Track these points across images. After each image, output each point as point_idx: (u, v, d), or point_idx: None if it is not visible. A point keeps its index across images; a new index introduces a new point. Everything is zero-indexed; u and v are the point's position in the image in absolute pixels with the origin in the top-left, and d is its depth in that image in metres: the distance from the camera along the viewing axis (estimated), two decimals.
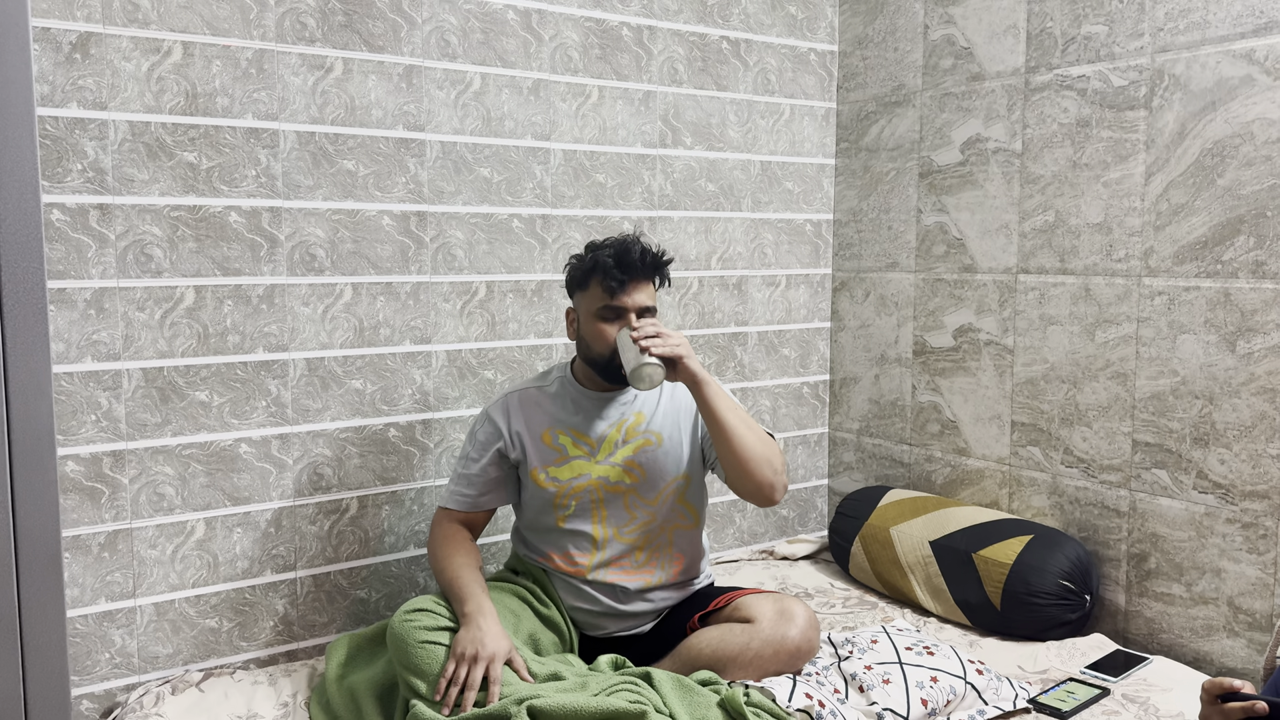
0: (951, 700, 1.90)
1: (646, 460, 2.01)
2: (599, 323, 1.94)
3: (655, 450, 2.02)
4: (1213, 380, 2.16)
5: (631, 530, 2.01)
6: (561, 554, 2.02)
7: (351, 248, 2.25)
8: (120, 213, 1.99)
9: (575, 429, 2.01)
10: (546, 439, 2.01)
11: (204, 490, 2.12)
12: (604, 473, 1.99)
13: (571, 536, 2.01)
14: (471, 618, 1.80)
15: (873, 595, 2.63)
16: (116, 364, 2.01)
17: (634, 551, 2.01)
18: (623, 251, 1.92)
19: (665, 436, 2.03)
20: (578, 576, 2.01)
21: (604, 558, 2.00)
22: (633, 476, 2.00)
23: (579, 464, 2.00)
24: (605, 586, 2.00)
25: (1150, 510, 2.29)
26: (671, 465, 2.03)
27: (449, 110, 2.34)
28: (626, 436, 2.01)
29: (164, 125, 2.02)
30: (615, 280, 1.91)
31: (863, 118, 2.92)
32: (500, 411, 2.05)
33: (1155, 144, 2.24)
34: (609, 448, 2.00)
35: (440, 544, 2.00)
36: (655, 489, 2.02)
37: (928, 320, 2.78)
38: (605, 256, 1.93)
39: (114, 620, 2.05)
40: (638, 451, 2.01)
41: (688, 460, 2.05)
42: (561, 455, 2.00)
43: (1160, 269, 2.24)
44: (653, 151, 2.65)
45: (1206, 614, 2.20)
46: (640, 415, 2.03)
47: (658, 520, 2.02)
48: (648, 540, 2.02)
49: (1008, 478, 2.60)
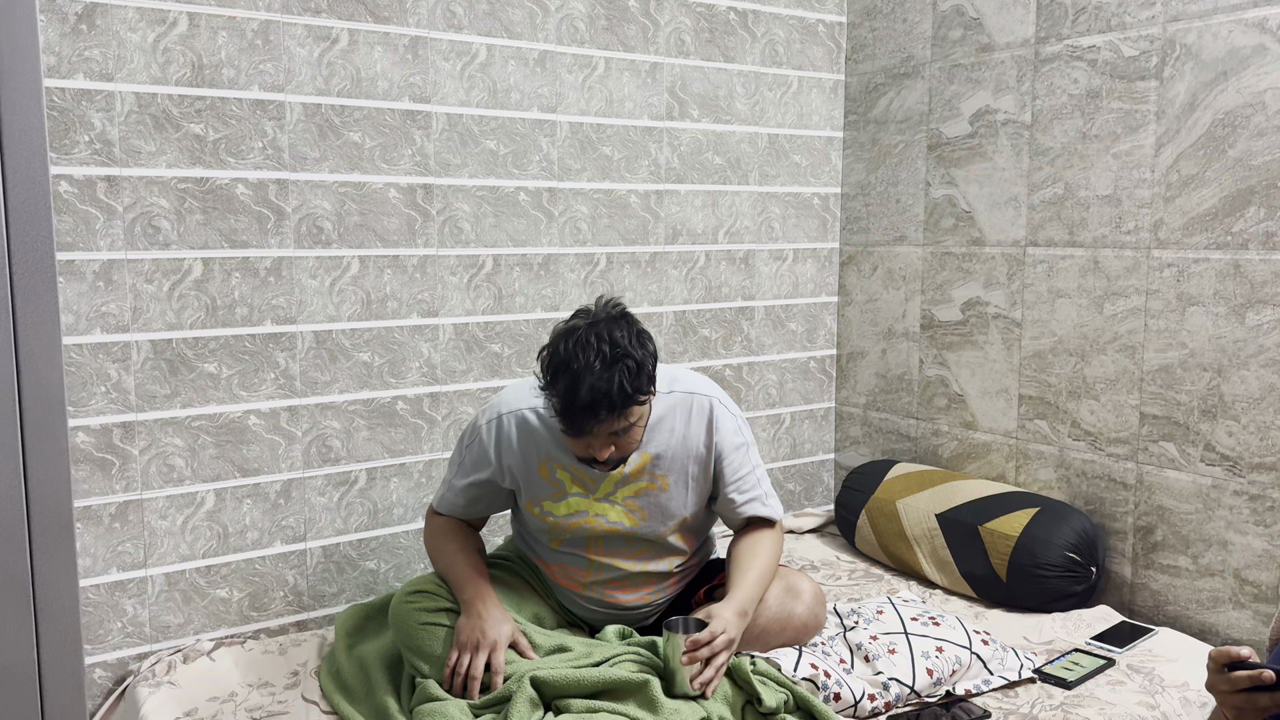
0: (957, 670, 1.91)
1: (649, 504, 1.87)
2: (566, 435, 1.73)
3: (659, 495, 1.87)
4: (1221, 352, 2.15)
5: (628, 559, 1.91)
6: (557, 567, 1.94)
7: (358, 220, 2.24)
8: (128, 184, 1.99)
9: (574, 465, 1.84)
10: (544, 473, 1.86)
11: (213, 462, 2.14)
12: (602, 510, 1.86)
13: (567, 557, 1.92)
14: (471, 604, 1.78)
15: (878, 568, 2.64)
16: (125, 336, 2.02)
17: (630, 576, 1.92)
18: (572, 409, 1.64)
19: (671, 481, 1.87)
20: (573, 590, 1.95)
21: (600, 578, 1.92)
22: (632, 519, 1.87)
23: (576, 501, 1.86)
24: (603, 602, 1.95)
25: (1157, 483, 2.29)
26: (676, 508, 1.89)
27: (455, 82, 2.33)
28: (629, 477, 1.85)
29: (170, 97, 2.02)
30: (572, 427, 1.67)
31: (871, 90, 2.90)
32: (492, 438, 1.87)
33: (1166, 115, 2.22)
34: (609, 486, 1.85)
35: (433, 536, 1.96)
36: (656, 532, 1.89)
37: (935, 294, 2.77)
38: (556, 404, 1.67)
39: (125, 590, 2.07)
40: (639, 494, 1.87)
41: (693, 504, 1.91)
42: (559, 491, 1.86)
43: (1170, 241, 2.23)
44: (660, 124, 2.64)
45: (1213, 586, 2.20)
46: (646, 457, 1.85)
47: (654, 551, 1.93)
48: (644, 569, 1.93)
49: (1014, 451, 2.60)
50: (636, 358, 1.67)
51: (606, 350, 1.64)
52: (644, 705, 1.62)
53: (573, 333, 1.68)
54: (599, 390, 1.62)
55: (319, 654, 2.08)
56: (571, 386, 1.63)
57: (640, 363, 1.68)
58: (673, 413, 1.86)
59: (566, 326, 1.71)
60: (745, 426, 1.96)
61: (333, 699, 1.86)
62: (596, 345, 1.65)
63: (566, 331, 1.69)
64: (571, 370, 1.63)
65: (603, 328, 1.68)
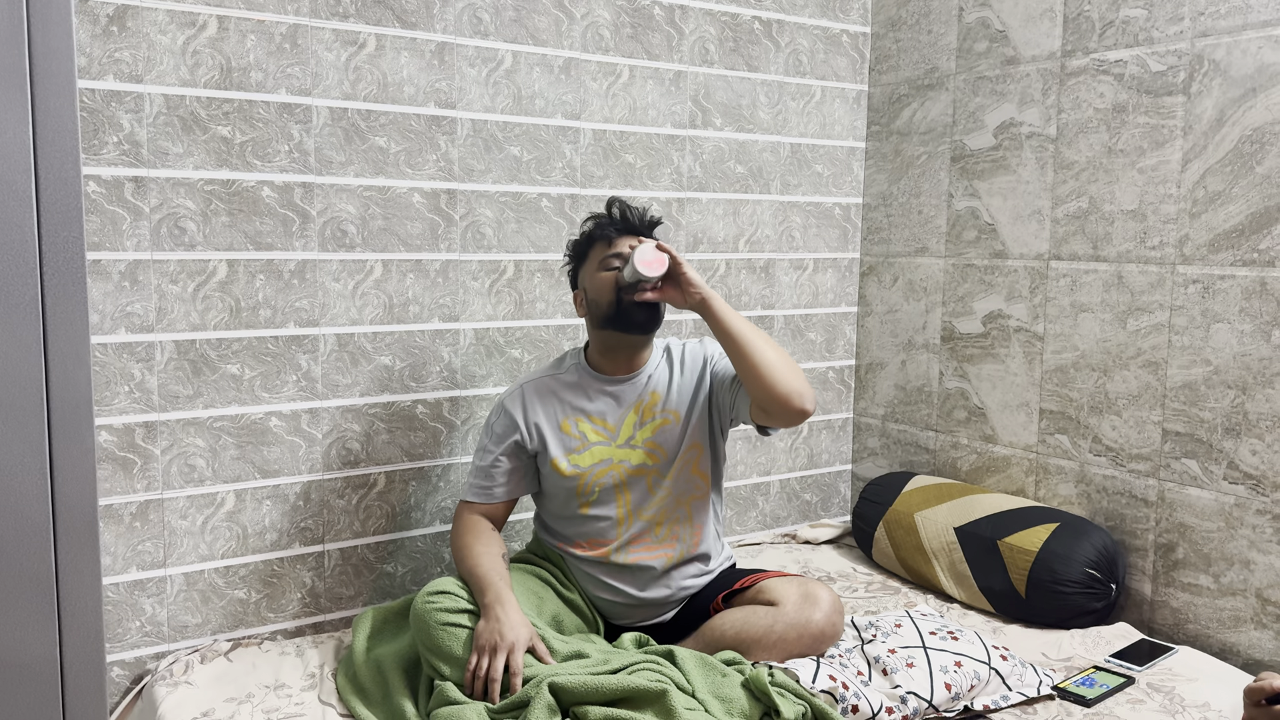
0: (975, 685, 1.89)
1: (666, 440, 2.03)
2: (604, 273, 1.98)
3: (674, 428, 2.04)
4: (1246, 370, 2.14)
5: (651, 508, 2.02)
6: (585, 540, 2.03)
7: (382, 224, 2.25)
8: (155, 185, 2.01)
9: (594, 415, 2.03)
10: (566, 428, 2.03)
11: (234, 462, 2.14)
12: (625, 456, 2.01)
13: (594, 522, 2.02)
14: (490, 608, 1.81)
15: (895, 580, 2.63)
16: (149, 336, 2.03)
17: (654, 527, 2.02)
18: (616, 208, 2.02)
19: (681, 413, 2.05)
20: (601, 559, 2.01)
21: (626, 537, 2.01)
22: (654, 458, 2.02)
23: (600, 450, 2.01)
24: (628, 571, 2.01)
25: (1179, 500, 2.27)
26: (689, 438, 2.04)
27: (480, 88, 2.34)
28: (644, 418, 2.03)
29: (198, 99, 2.03)
30: (612, 230, 1.99)
31: (894, 100, 2.90)
32: (516, 403, 2.05)
33: (1193, 130, 2.21)
34: (628, 430, 2.03)
35: (460, 534, 2.01)
36: (674, 464, 2.03)
37: (957, 306, 2.76)
38: (601, 216, 2.04)
39: (144, 589, 2.08)
40: (657, 432, 2.03)
41: (702, 429, 2.06)
42: (583, 442, 2.02)
43: (1195, 257, 2.22)
44: (682, 132, 2.64)
45: (1234, 605, 2.18)
46: (656, 395, 2.05)
47: (674, 494, 2.04)
48: (665, 515, 2.03)
49: (1035, 465, 2.59)
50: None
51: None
52: (661, 714, 1.62)
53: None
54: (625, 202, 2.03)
55: (336, 656, 2.09)
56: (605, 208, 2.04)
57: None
58: (666, 355, 2.10)
59: None
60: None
61: (349, 701, 1.86)
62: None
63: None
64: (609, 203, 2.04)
65: None
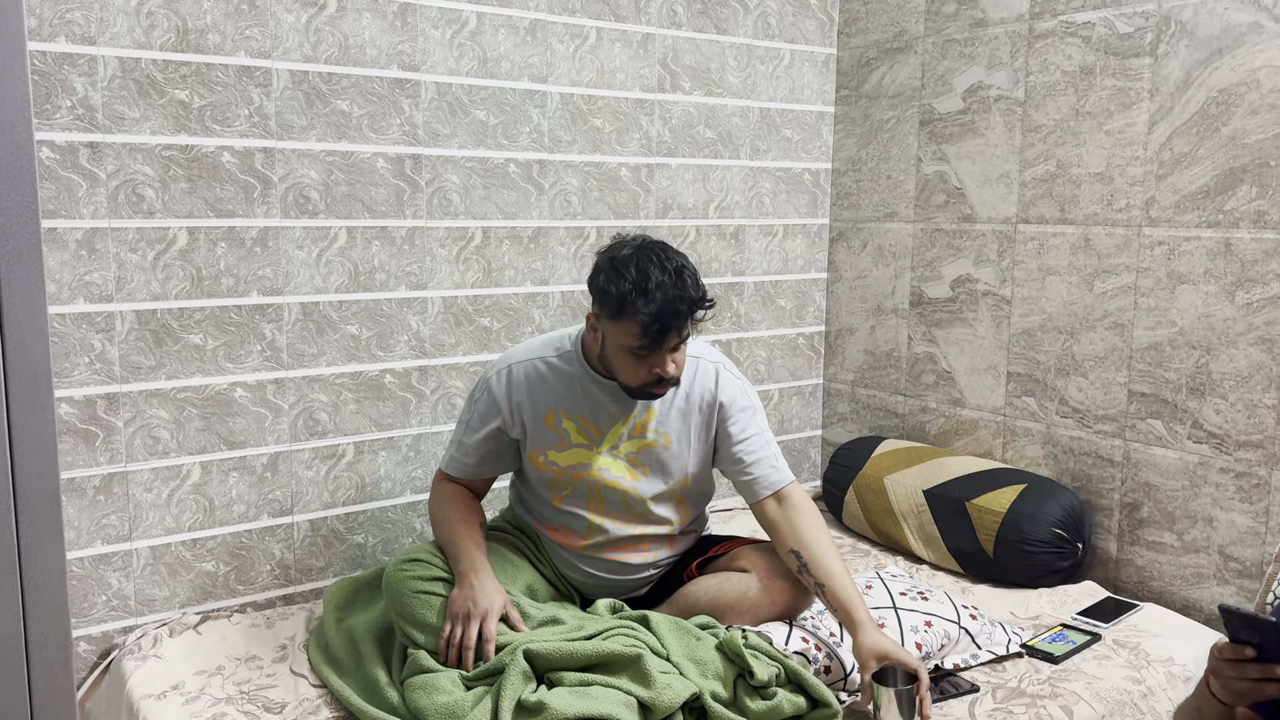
0: (946, 644, 1.92)
1: (650, 460, 1.91)
2: (630, 358, 1.77)
3: (661, 451, 1.91)
4: (1211, 330, 2.16)
5: (629, 522, 1.93)
6: (559, 527, 1.96)
7: (346, 190, 2.21)
8: (111, 151, 1.95)
9: (581, 415, 1.89)
10: (550, 421, 1.90)
11: (199, 434, 2.11)
12: (605, 464, 1.89)
13: (568, 516, 1.94)
14: (464, 576, 1.79)
15: (865, 543, 2.65)
16: (109, 306, 1.99)
17: (629, 538, 1.94)
18: (666, 312, 1.70)
19: (674, 439, 1.91)
20: (572, 551, 1.96)
21: (600, 540, 1.93)
22: (634, 475, 1.90)
23: (580, 452, 1.89)
24: (602, 562, 1.96)
25: (1144, 460, 2.30)
26: (676, 468, 1.92)
27: (444, 50, 2.30)
28: (633, 432, 1.90)
29: (155, 62, 1.98)
30: (653, 338, 1.72)
31: (863, 64, 2.88)
32: (502, 385, 1.91)
33: (1159, 92, 2.22)
34: (613, 439, 1.90)
35: (438, 501, 1.96)
36: (655, 490, 1.92)
37: (925, 271, 2.77)
38: (646, 311, 1.69)
39: (110, 563, 2.05)
40: (642, 450, 1.90)
41: (693, 464, 1.94)
42: (563, 440, 1.90)
43: (1161, 219, 2.23)
44: (651, 96, 2.61)
45: (1197, 562, 2.22)
46: (651, 412, 1.90)
47: (654, 516, 1.94)
48: (644, 532, 1.95)
49: (1002, 428, 2.61)
50: (692, 266, 1.79)
51: (668, 264, 1.74)
52: (637, 679, 1.62)
53: (630, 259, 1.74)
54: (682, 296, 1.71)
55: (307, 627, 2.07)
56: (658, 296, 1.70)
57: (695, 269, 1.79)
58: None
59: (617, 256, 1.76)
60: (752, 393, 1.98)
61: (321, 672, 1.85)
62: (659, 261, 1.73)
63: (622, 260, 1.75)
64: (649, 283, 1.70)
65: (653, 247, 1.77)
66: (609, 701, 1.57)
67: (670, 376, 1.78)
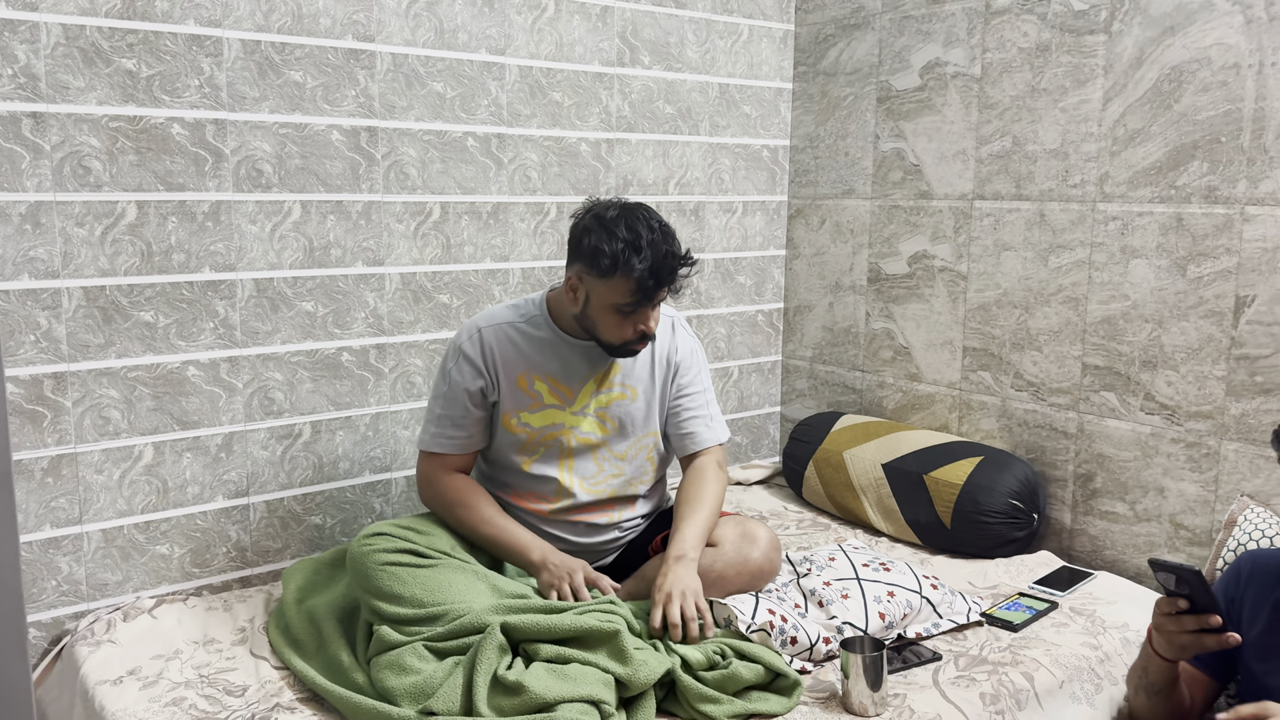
0: (908, 614, 1.94)
1: (620, 414, 1.96)
2: (616, 316, 1.83)
3: (629, 404, 1.97)
4: (1163, 304, 2.20)
5: (599, 483, 1.96)
6: (526, 493, 1.97)
7: (300, 163, 2.16)
8: (55, 122, 1.89)
9: (553, 376, 1.92)
10: (522, 384, 1.92)
11: (151, 414, 2.06)
12: (576, 423, 1.93)
13: (537, 481, 1.95)
14: (544, 564, 1.84)
15: (825, 517, 2.67)
16: (55, 282, 1.92)
17: (598, 502, 1.97)
18: (660, 268, 1.78)
19: (640, 391, 1.97)
20: (540, 516, 1.96)
21: (568, 504, 1.95)
22: (604, 430, 1.95)
23: (553, 413, 1.92)
24: (569, 525, 1.97)
25: (1097, 431, 2.35)
26: (643, 421, 1.98)
27: (400, 20, 2.25)
28: (601, 387, 1.95)
29: (100, 29, 1.91)
30: (646, 292, 1.79)
31: (821, 40, 2.89)
32: (476, 348, 1.91)
33: (1114, 69, 2.25)
34: (584, 398, 1.94)
35: (452, 505, 1.90)
36: (625, 443, 1.97)
37: (883, 247, 2.79)
38: (640, 267, 1.76)
39: (60, 547, 1.99)
40: (610, 405, 1.95)
41: (660, 417, 2.01)
42: (536, 402, 1.92)
43: (1115, 194, 2.27)
44: (610, 70, 2.59)
45: (1148, 531, 2.27)
46: (617, 366, 1.96)
47: (625, 476, 1.98)
48: (613, 494, 1.98)
49: (958, 402, 2.65)
50: (672, 229, 1.86)
51: (654, 223, 1.81)
52: (613, 655, 1.62)
53: (619, 219, 1.80)
54: (672, 253, 1.79)
55: (266, 610, 2.04)
56: (649, 253, 1.76)
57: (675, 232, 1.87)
58: None
59: (604, 216, 1.81)
60: (701, 352, 2.07)
61: (283, 654, 1.82)
62: (645, 221, 1.80)
63: (611, 220, 1.80)
64: (641, 241, 1.77)
65: (637, 209, 1.83)
66: (587, 681, 1.56)
67: (652, 333, 1.87)
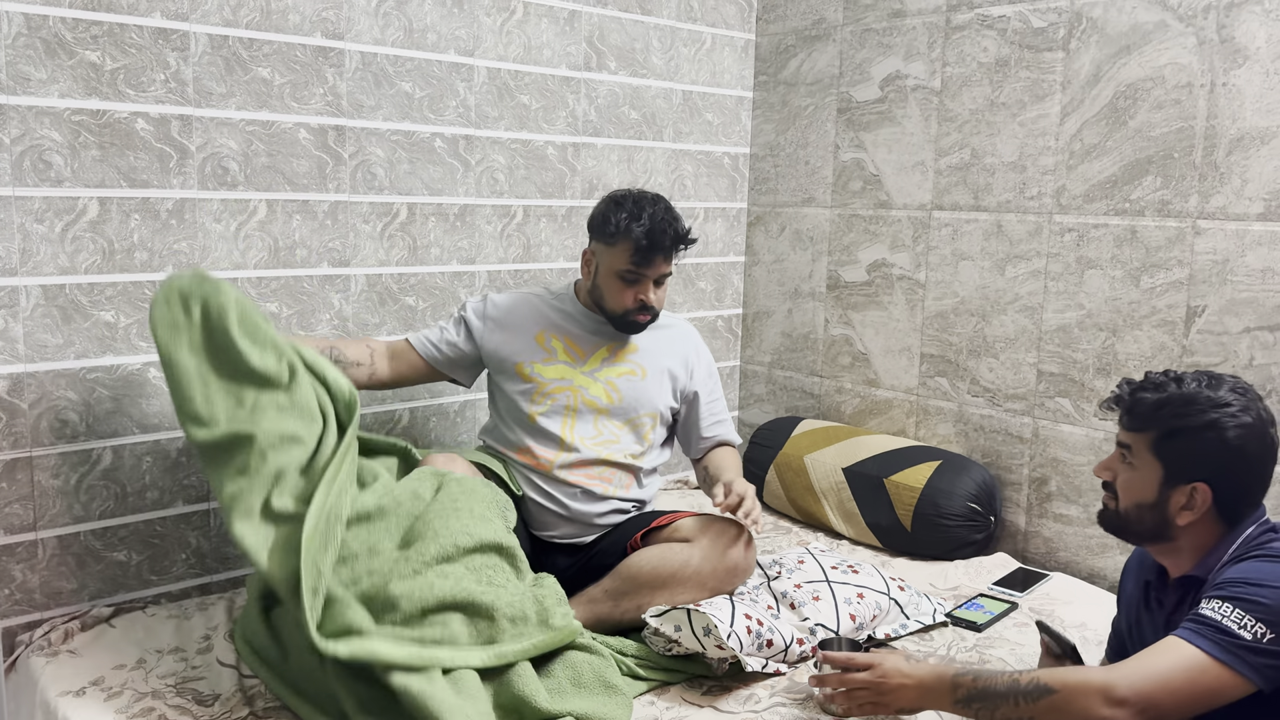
0: (877, 615, 1.98)
1: (627, 387, 2.11)
2: (618, 282, 2.04)
3: (637, 381, 2.12)
4: (1117, 313, 2.28)
5: (592, 443, 2.08)
6: (526, 448, 2.08)
7: (266, 161, 2.12)
8: (15, 114, 1.82)
9: (569, 336, 2.12)
10: (540, 339, 2.12)
11: (110, 416, 2.00)
12: (584, 384, 2.09)
13: (541, 435, 2.07)
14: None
15: (786, 521, 2.71)
16: (13, 280, 1.86)
17: (597, 462, 2.08)
18: (656, 231, 1.99)
19: (649, 371, 2.14)
20: (541, 471, 2.06)
21: (569, 459, 2.06)
22: (610, 398, 2.10)
23: (563, 368, 2.10)
24: (565, 485, 2.06)
25: (1052, 436, 2.42)
26: (647, 400, 2.13)
27: (369, 19, 2.22)
28: (615, 358, 2.13)
29: (63, 20, 1.85)
30: (642, 255, 2.00)
31: (782, 51, 2.92)
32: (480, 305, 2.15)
33: (1071, 85, 2.32)
34: (595, 362, 2.12)
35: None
36: (627, 416, 2.11)
37: (842, 255, 2.83)
38: (638, 229, 1.98)
39: (13, 554, 1.92)
40: (621, 376, 2.12)
41: (663, 404, 2.15)
42: (550, 356, 2.11)
43: (1071, 207, 2.34)
44: (578, 74, 2.59)
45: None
46: (632, 345, 2.15)
47: (621, 443, 2.10)
48: (610, 456, 2.09)
49: (915, 407, 2.70)
50: (678, 212, 2.09)
51: (659, 203, 2.04)
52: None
53: (627, 196, 2.05)
54: (670, 223, 2.01)
55: (229, 617, 1.99)
56: (655, 215, 1.99)
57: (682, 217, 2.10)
58: (659, 325, 2.17)
59: (615, 195, 2.07)
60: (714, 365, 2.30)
61: (251, 663, 1.77)
62: (652, 200, 2.04)
63: (620, 196, 2.06)
64: (644, 212, 2.00)
65: (648, 193, 2.07)
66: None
67: (652, 305, 2.06)
